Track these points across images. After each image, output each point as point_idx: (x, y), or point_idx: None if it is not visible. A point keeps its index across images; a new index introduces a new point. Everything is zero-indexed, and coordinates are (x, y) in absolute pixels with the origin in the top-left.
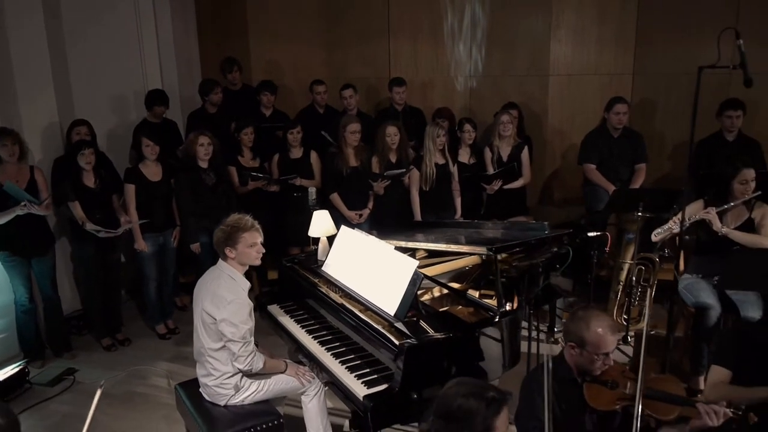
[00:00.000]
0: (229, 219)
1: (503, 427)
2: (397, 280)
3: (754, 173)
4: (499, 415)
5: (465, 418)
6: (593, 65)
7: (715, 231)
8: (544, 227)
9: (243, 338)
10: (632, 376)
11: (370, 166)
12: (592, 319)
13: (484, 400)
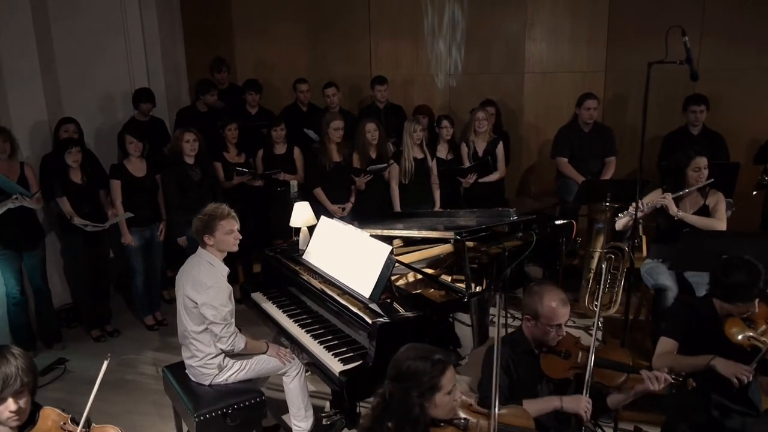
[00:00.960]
0: (206, 209)
1: (449, 385)
2: (372, 264)
3: (706, 161)
4: (445, 374)
5: (413, 377)
6: (567, 63)
7: (673, 218)
8: (510, 213)
9: (224, 320)
10: (584, 346)
11: (351, 163)
12: (545, 293)
13: (430, 361)
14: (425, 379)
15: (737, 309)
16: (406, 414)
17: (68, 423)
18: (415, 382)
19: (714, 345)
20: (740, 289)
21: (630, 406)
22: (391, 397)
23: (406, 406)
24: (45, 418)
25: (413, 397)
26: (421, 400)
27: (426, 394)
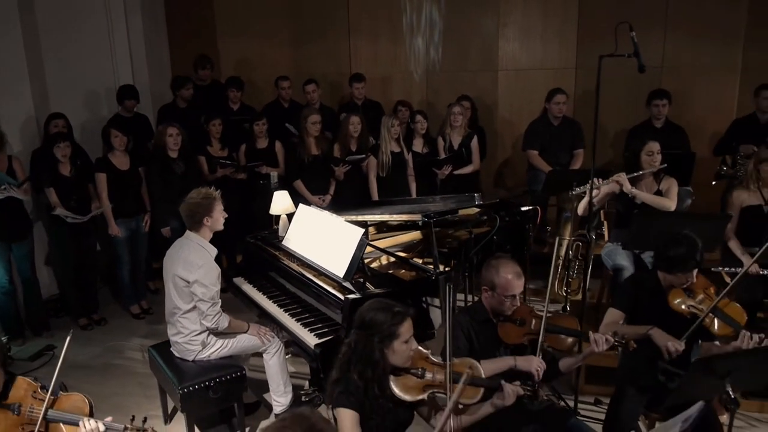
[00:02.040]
0: (196, 194)
1: (406, 335)
2: (346, 246)
3: (658, 146)
4: (403, 324)
5: (375, 325)
6: (539, 61)
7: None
8: (475, 198)
9: (212, 299)
10: (537, 315)
11: (331, 154)
12: (501, 266)
13: (390, 312)
14: (385, 327)
15: (678, 279)
16: (368, 358)
17: (38, 391)
18: (376, 330)
19: (659, 314)
20: (680, 261)
21: (590, 380)
22: (355, 345)
23: (368, 351)
24: (17, 387)
25: (374, 342)
26: (381, 346)
27: (385, 341)
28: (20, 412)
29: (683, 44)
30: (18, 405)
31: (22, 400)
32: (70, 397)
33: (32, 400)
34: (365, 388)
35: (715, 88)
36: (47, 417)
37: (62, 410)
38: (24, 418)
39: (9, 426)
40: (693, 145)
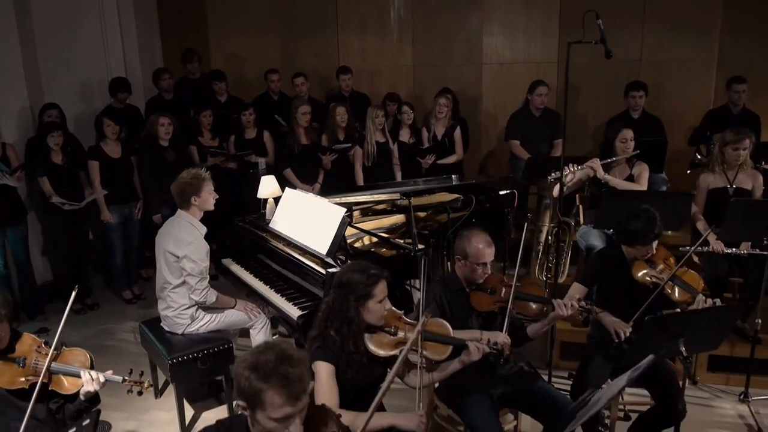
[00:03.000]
0: (186, 174)
1: (380, 295)
2: (329, 225)
3: (632, 133)
4: (377, 285)
5: (351, 285)
6: (522, 55)
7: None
8: (452, 179)
9: (200, 273)
10: (507, 283)
11: (320, 143)
12: (472, 236)
13: (366, 273)
14: (360, 287)
15: (639, 252)
16: (344, 316)
17: (42, 346)
18: (352, 289)
19: (625, 285)
20: (639, 234)
21: (564, 356)
22: (333, 303)
23: (345, 309)
24: (23, 342)
25: (350, 301)
26: (357, 305)
27: (361, 300)
28: (25, 364)
29: (661, 39)
30: (23, 358)
31: (27, 354)
32: (72, 352)
33: (36, 354)
34: (341, 344)
35: (691, 81)
36: (51, 369)
37: (65, 363)
38: (29, 370)
39: (14, 377)
40: (670, 136)
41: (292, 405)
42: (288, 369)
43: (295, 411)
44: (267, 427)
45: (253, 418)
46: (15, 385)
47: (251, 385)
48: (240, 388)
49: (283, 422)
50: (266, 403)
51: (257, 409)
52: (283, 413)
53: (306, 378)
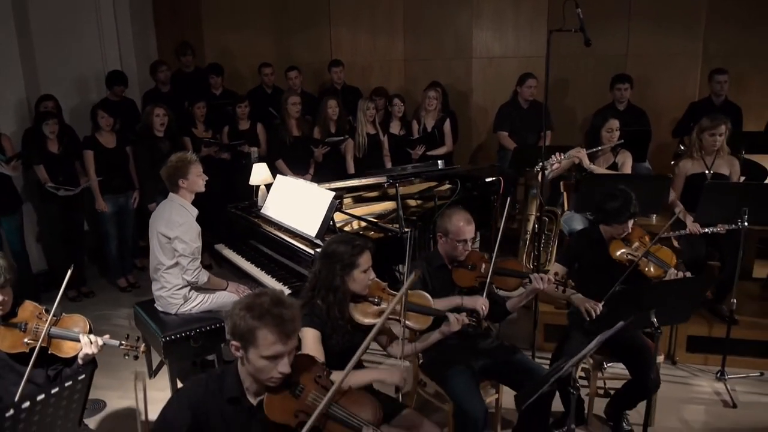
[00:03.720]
0: (173, 158)
1: (364, 265)
2: (318, 208)
3: (617, 123)
4: (362, 255)
5: (337, 255)
6: (511, 49)
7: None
8: (437, 164)
9: (192, 254)
10: (487, 259)
11: (312, 136)
12: (453, 214)
13: (350, 244)
14: (346, 257)
15: (615, 230)
16: (330, 284)
17: (43, 313)
18: (337, 259)
19: (603, 264)
20: (616, 213)
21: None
22: (319, 272)
23: (330, 278)
24: (24, 309)
25: (336, 270)
26: (342, 274)
27: (346, 269)
28: (26, 329)
29: (646, 33)
30: (24, 323)
31: (28, 319)
32: (72, 318)
33: (37, 320)
34: (327, 311)
35: (676, 74)
36: (50, 333)
37: (64, 328)
38: (29, 335)
39: (16, 341)
40: (656, 129)
41: (284, 343)
42: (282, 310)
43: (285, 350)
44: (257, 366)
45: (245, 358)
46: (16, 348)
47: (246, 324)
48: (235, 327)
49: (273, 360)
50: (259, 340)
51: (250, 347)
52: (274, 351)
53: (297, 321)
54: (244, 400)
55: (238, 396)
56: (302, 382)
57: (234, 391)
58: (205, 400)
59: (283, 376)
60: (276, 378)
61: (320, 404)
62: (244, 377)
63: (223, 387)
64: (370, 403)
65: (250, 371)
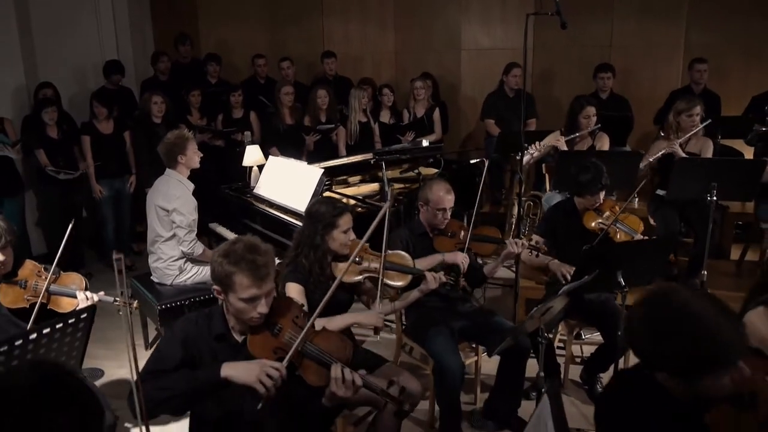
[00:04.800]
0: (171, 135)
1: (344, 226)
2: (308, 184)
3: (594, 110)
4: (342, 217)
5: (319, 215)
6: (499, 41)
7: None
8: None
9: (188, 226)
10: (466, 228)
11: (303, 123)
12: (434, 184)
13: (332, 206)
14: (327, 217)
15: (588, 201)
16: (312, 242)
17: (42, 271)
18: (319, 219)
19: (577, 234)
20: (588, 184)
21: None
22: (303, 231)
23: (312, 236)
24: (24, 267)
25: (318, 229)
26: (323, 233)
27: (327, 228)
28: (26, 286)
29: (630, 25)
30: (25, 281)
31: (29, 277)
32: (70, 276)
33: (36, 277)
34: (309, 268)
35: (659, 65)
36: (49, 290)
37: (62, 285)
38: (30, 291)
39: (17, 297)
40: (639, 118)
41: (258, 287)
42: (255, 256)
43: (261, 293)
44: (237, 308)
45: (227, 302)
46: (17, 304)
47: (223, 269)
48: (215, 273)
49: (250, 303)
50: (236, 284)
51: (229, 291)
52: (250, 294)
53: (270, 265)
54: (230, 337)
55: (224, 333)
56: (280, 322)
57: (221, 329)
58: (196, 336)
59: (262, 316)
60: (255, 318)
61: (295, 342)
62: (229, 318)
63: (211, 325)
64: (341, 343)
65: (233, 313)
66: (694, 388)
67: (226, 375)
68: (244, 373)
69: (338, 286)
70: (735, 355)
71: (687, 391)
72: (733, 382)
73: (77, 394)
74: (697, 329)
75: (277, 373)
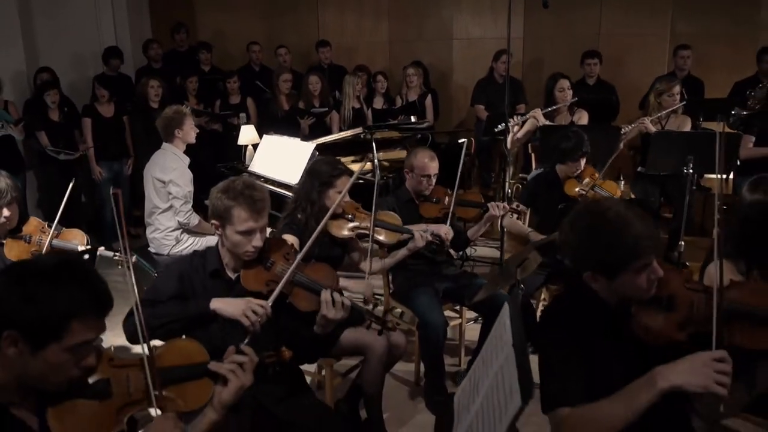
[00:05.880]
0: (169, 110)
1: (341, 186)
2: (301, 159)
3: (568, 83)
4: (340, 177)
5: (317, 173)
6: (489, 31)
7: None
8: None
9: (184, 197)
10: (450, 193)
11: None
12: (418, 152)
13: (332, 166)
14: (325, 176)
15: (570, 169)
16: (308, 197)
17: (45, 227)
18: (318, 176)
19: (558, 202)
20: (570, 151)
21: None
22: (301, 188)
23: (310, 192)
24: (29, 224)
25: (315, 186)
26: (320, 190)
27: (323, 186)
28: (31, 240)
29: (618, 15)
30: (29, 236)
31: (33, 232)
32: (71, 232)
33: (40, 233)
34: (306, 222)
35: (646, 53)
36: (52, 245)
37: (65, 240)
38: (34, 245)
39: (22, 251)
40: (626, 106)
41: (255, 220)
42: (253, 192)
43: (257, 226)
44: (234, 241)
45: (224, 235)
46: (22, 257)
47: (222, 203)
48: (214, 207)
49: (246, 236)
50: (234, 217)
51: (227, 224)
52: (247, 226)
53: (266, 201)
54: (223, 274)
55: (218, 269)
56: (273, 257)
57: (215, 265)
58: (191, 273)
59: (256, 249)
60: (250, 252)
61: (287, 273)
62: (223, 255)
63: (205, 263)
64: (329, 272)
65: (228, 247)
66: (615, 286)
67: (215, 307)
68: (231, 307)
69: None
70: (645, 249)
71: (611, 292)
72: (649, 282)
73: (91, 277)
74: (610, 224)
75: (262, 309)
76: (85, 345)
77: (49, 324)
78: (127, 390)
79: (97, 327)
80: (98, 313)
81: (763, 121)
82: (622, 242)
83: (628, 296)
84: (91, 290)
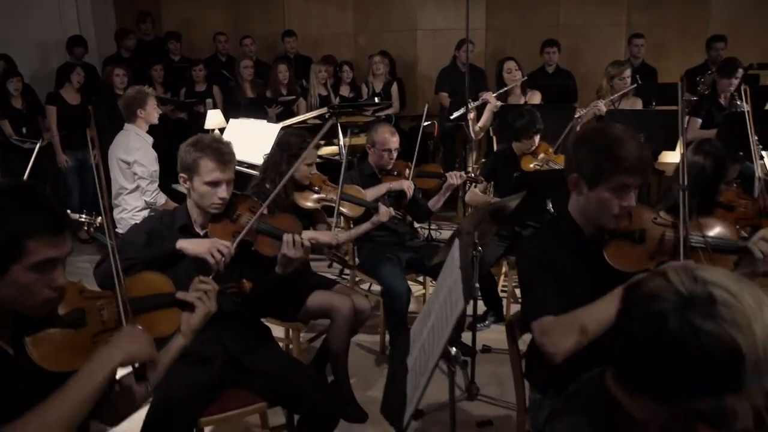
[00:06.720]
0: (131, 90)
1: (309, 159)
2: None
3: (515, 64)
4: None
5: (286, 144)
6: (453, 21)
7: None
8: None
9: (150, 176)
10: (411, 166)
11: (265, 95)
12: (379, 127)
13: (301, 138)
14: (294, 148)
15: (524, 146)
16: (277, 168)
17: None
18: (286, 148)
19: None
20: (524, 128)
21: None
22: (270, 158)
23: (279, 163)
24: None
25: (284, 157)
26: (288, 161)
27: (291, 158)
28: None
29: (575, 6)
30: None
31: None
32: None
33: None
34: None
35: (603, 44)
36: None
37: None
38: None
39: None
40: (584, 93)
41: (221, 171)
42: (219, 145)
43: (223, 178)
44: (201, 192)
45: (191, 188)
46: None
47: (190, 156)
48: (182, 161)
49: (213, 186)
50: (201, 167)
51: (194, 175)
52: (213, 177)
53: (233, 155)
54: (191, 229)
55: (186, 224)
56: (239, 210)
57: (184, 221)
58: (160, 229)
59: (223, 202)
60: (217, 203)
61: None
62: (191, 210)
63: (174, 220)
64: (292, 221)
65: (196, 199)
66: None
67: (181, 246)
68: (197, 246)
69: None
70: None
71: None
72: (620, 208)
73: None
74: (609, 137)
75: (226, 249)
76: (48, 263)
77: (4, 246)
78: (99, 318)
79: (56, 244)
80: (53, 230)
81: (709, 104)
82: (613, 153)
83: (597, 217)
84: (41, 209)
